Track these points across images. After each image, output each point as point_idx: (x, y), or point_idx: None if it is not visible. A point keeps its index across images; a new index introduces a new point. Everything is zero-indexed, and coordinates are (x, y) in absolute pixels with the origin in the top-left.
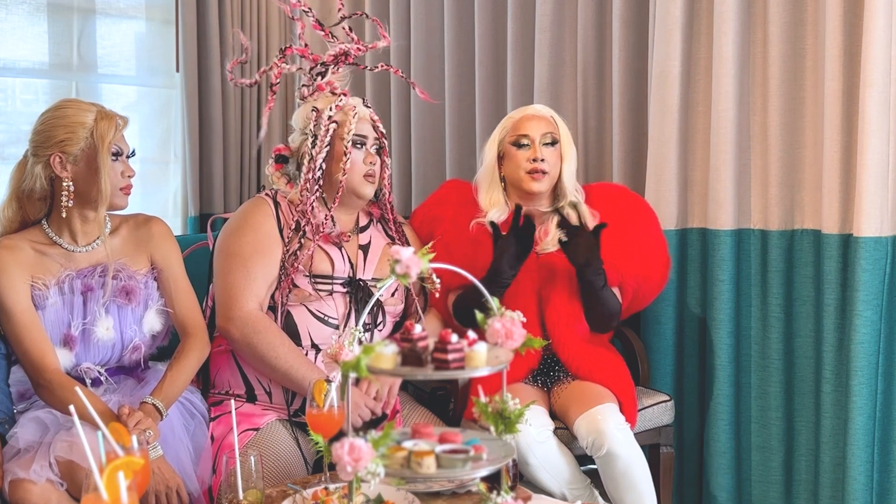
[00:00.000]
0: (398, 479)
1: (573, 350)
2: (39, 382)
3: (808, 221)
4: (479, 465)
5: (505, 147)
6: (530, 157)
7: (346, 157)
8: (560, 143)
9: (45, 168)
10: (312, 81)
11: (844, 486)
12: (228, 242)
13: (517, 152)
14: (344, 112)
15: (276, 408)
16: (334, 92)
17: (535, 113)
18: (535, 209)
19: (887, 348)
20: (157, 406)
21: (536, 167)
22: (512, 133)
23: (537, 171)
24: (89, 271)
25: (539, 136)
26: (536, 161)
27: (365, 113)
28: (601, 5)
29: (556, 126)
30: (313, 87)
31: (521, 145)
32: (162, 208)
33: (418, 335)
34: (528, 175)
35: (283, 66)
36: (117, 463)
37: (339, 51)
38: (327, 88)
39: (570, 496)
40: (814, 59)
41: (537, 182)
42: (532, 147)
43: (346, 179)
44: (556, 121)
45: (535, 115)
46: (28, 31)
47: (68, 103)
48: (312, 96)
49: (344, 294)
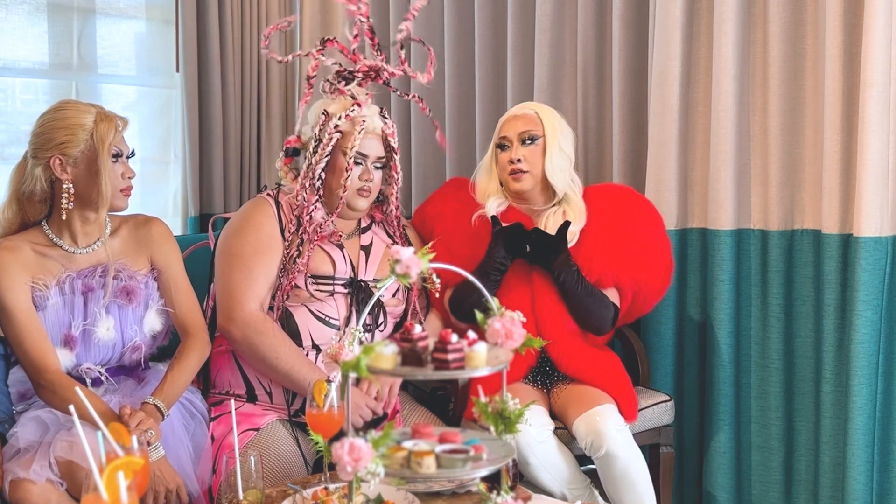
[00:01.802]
0: (398, 479)
1: (563, 348)
2: (41, 383)
3: (808, 221)
4: (479, 465)
5: (494, 149)
6: (506, 157)
7: (346, 173)
8: (542, 139)
9: (45, 170)
10: (337, 82)
11: (844, 486)
12: (230, 242)
13: (501, 154)
14: (352, 124)
15: (276, 408)
16: (354, 101)
17: (516, 113)
18: (528, 208)
19: (887, 348)
20: (158, 406)
21: (514, 167)
22: (497, 136)
23: (515, 172)
24: (90, 272)
25: (516, 136)
26: (513, 162)
27: (376, 127)
28: (601, 5)
29: (539, 122)
30: (335, 88)
31: (503, 147)
32: (162, 208)
33: (418, 335)
34: (510, 177)
35: (320, 59)
36: (117, 463)
37: (373, 65)
38: (348, 95)
39: (570, 496)
40: (814, 59)
41: (518, 182)
42: (511, 148)
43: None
44: (541, 117)
45: (515, 115)
46: (28, 31)
47: (68, 105)
48: (331, 95)
49: (345, 295)
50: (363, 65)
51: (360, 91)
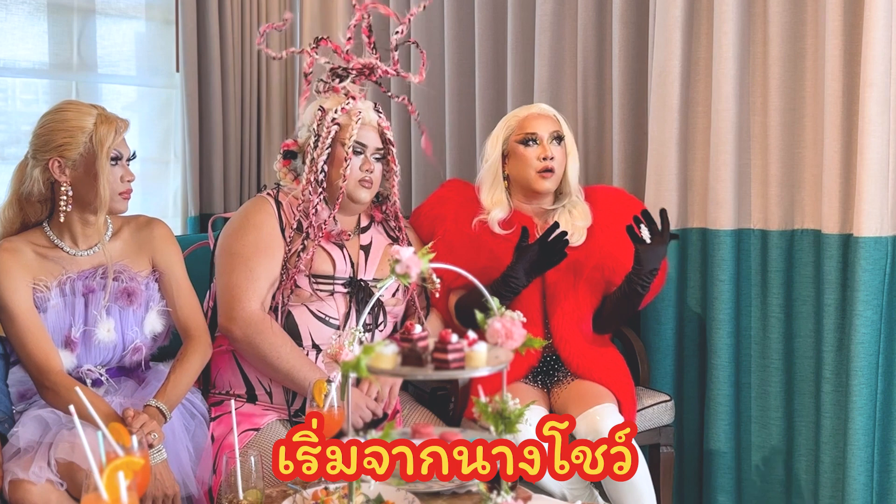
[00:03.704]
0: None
1: (575, 349)
2: (44, 384)
3: (808, 221)
4: None
5: (511, 146)
6: (540, 154)
7: (346, 164)
8: (565, 141)
9: (44, 172)
10: (331, 80)
11: (844, 486)
12: (230, 242)
13: (525, 150)
14: (348, 116)
15: (276, 408)
16: (348, 95)
17: (542, 111)
18: (538, 207)
19: (887, 348)
20: (160, 409)
21: (547, 165)
22: (518, 131)
23: (548, 170)
24: (90, 273)
25: (547, 133)
26: (547, 159)
27: (371, 119)
28: (601, 5)
29: (559, 123)
30: (329, 86)
31: (529, 143)
32: (162, 208)
33: (418, 335)
34: (538, 174)
35: (314, 56)
36: (117, 463)
37: (367, 63)
38: (342, 91)
39: (570, 496)
40: (814, 59)
41: (546, 181)
42: (541, 145)
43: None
44: (560, 119)
45: (542, 113)
46: (28, 31)
47: (69, 106)
48: (325, 94)
49: (345, 294)
50: (357, 62)
51: (354, 87)
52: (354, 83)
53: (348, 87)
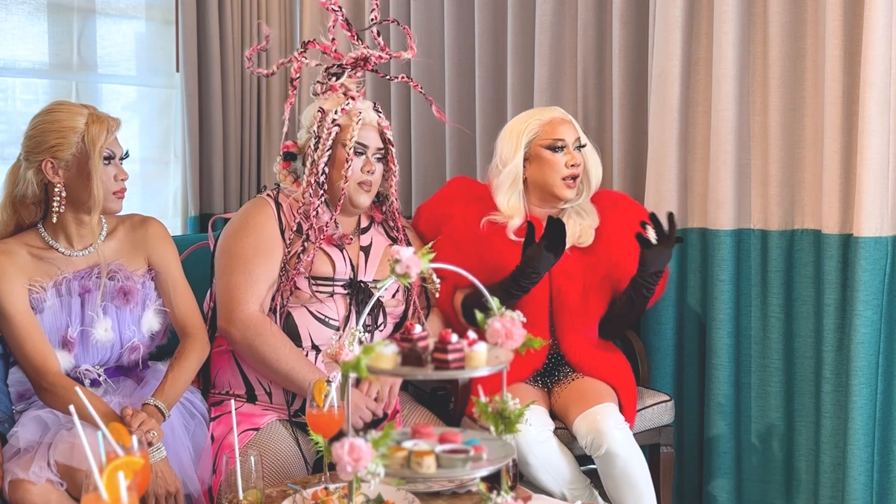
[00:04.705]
0: (398, 479)
1: (582, 352)
2: (43, 386)
3: (808, 221)
4: (479, 465)
5: (535, 150)
6: (569, 162)
7: (347, 164)
8: (584, 149)
9: (37, 173)
10: (328, 80)
11: (844, 486)
12: (230, 243)
13: (553, 156)
14: (349, 116)
15: (276, 408)
16: (347, 94)
17: (564, 117)
18: (551, 208)
19: (887, 348)
20: (159, 407)
21: (574, 172)
22: (545, 136)
23: (573, 178)
24: (86, 273)
25: (572, 140)
26: (577, 166)
27: (372, 119)
28: (601, 5)
29: (580, 131)
30: (327, 86)
31: (556, 149)
32: (162, 208)
33: (418, 335)
34: (564, 181)
35: (302, 61)
36: (117, 463)
37: (360, 55)
38: (340, 90)
39: (570, 496)
40: (814, 59)
41: (571, 189)
42: (568, 151)
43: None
44: (577, 125)
45: (565, 119)
46: (28, 31)
47: (60, 107)
48: (324, 95)
49: (344, 296)
50: (349, 57)
51: (351, 83)
52: (351, 77)
53: (346, 83)
